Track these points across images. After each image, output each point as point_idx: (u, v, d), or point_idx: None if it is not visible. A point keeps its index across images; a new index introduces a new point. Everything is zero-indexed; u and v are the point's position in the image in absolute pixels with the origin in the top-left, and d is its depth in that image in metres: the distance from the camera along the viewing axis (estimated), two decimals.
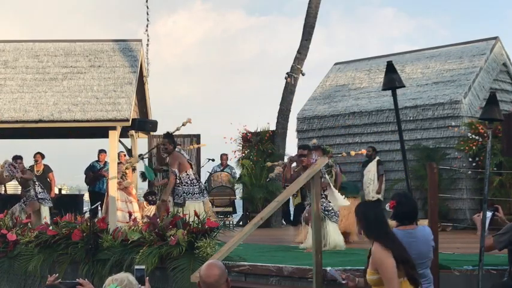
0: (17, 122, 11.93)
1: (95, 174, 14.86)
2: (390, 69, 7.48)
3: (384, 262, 4.42)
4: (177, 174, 10.32)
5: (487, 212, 6.11)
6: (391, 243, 4.49)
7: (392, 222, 5.43)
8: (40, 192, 12.94)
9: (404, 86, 8.09)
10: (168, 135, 10.70)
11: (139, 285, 4.07)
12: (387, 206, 5.43)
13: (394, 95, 7.56)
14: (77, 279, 4.18)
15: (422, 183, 12.24)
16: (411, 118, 14.12)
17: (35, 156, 14.72)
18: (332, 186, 9.76)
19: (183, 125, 11.55)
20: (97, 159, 15.04)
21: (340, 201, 9.72)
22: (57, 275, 4.28)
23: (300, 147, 10.59)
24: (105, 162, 14.83)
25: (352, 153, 12.22)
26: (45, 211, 12.87)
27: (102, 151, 14.95)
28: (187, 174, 10.45)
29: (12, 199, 14.79)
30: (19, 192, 15.95)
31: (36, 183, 13.06)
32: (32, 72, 13.10)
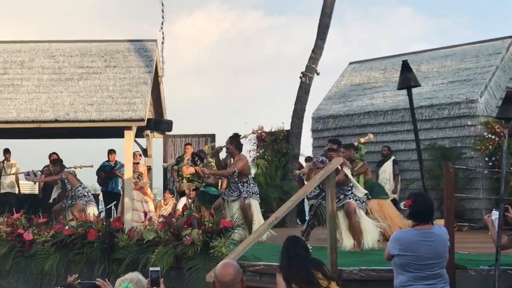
0: (33, 122, 12.01)
1: (107, 174, 14.93)
2: (405, 68, 7.44)
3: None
4: (236, 172, 10.42)
5: (496, 212, 6.08)
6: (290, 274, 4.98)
7: (408, 222, 5.42)
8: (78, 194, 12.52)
9: (419, 85, 8.05)
10: (233, 137, 10.77)
11: None
12: (402, 205, 5.42)
13: (410, 94, 7.52)
14: (97, 280, 4.19)
15: (438, 183, 12.17)
16: (427, 117, 14.03)
17: (50, 156, 14.81)
18: (351, 177, 9.65)
19: (244, 136, 11.63)
20: (107, 159, 15.11)
21: (360, 189, 9.69)
22: (77, 275, 4.30)
23: (330, 140, 10.51)
24: (116, 161, 14.91)
25: (361, 140, 12.22)
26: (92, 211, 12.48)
27: (111, 151, 15.04)
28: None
29: (28, 199, 14.89)
30: (36, 192, 16.10)
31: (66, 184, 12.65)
32: (48, 72, 13.18)
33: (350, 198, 9.32)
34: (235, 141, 10.68)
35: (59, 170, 12.59)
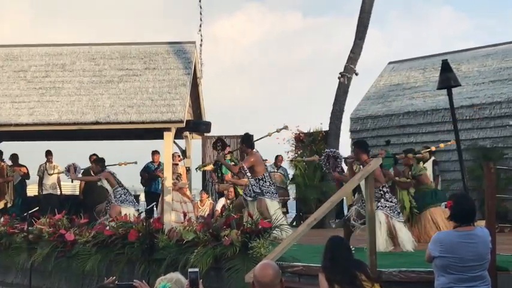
0: (74, 124, 12.18)
1: (150, 175, 15.03)
2: (446, 67, 7.39)
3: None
4: (243, 168, 10.38)
5: None
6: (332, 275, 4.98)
7: (450, 223, 5.36)
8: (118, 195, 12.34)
9: (460, 85, 7.98)
10: (244, 137, 10.81)
11: None
12: (443, 205, 5.37)
13: (450, 94, 7.46)
14: (134, 281, 4.22)
15: (480, 184, 12.01)
16: (467, 117, 13.87)
17: (91, 158, 15.00)
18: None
19: (277, 131, 11.58)
20: (151, 160, 15.23)
21: None
22: (115, 278, 4.33)
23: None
24: (160, 162, 14.99)
25: (442, 145, 12.02)
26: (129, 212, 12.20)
27: (155, 152, 15.12)
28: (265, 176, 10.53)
29: (70, 200, 15.10)
30: (77, 193, 16.32)
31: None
32: (88, 75, 13.37)
33: (378, 208, 8.92)
34: (246, 140, 10.67)
35: (100, 169, 12.57)
